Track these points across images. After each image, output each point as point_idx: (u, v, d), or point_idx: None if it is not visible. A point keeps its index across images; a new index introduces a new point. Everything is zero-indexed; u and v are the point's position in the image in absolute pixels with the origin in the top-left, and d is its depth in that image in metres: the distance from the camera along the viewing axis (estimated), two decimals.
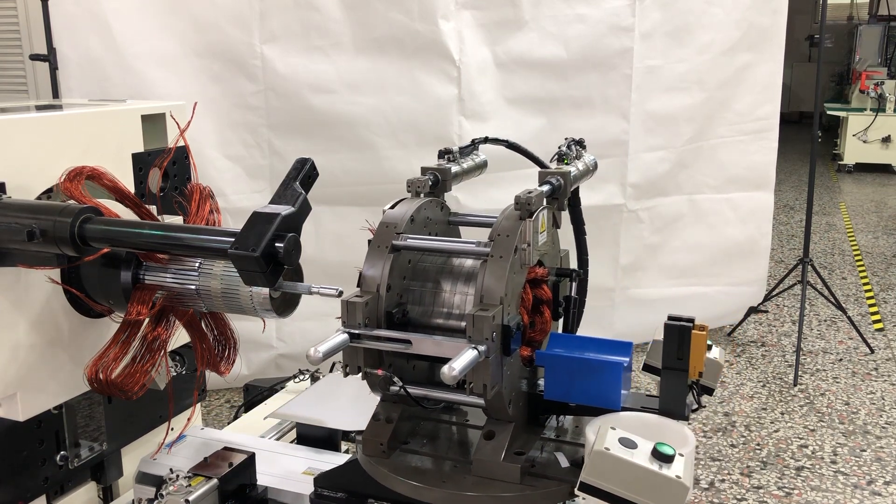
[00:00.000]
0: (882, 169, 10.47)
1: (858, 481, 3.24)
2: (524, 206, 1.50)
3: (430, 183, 1.78)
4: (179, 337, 2.03)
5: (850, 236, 7.28)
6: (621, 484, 1.40)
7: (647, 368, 1.91)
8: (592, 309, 4.50)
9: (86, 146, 1.97)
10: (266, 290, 1.74)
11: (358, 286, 1.57)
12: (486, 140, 1.93)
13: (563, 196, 1.66)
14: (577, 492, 1.44)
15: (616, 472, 1.40)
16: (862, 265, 6.36)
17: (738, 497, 3.14)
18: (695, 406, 1.57)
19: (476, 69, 3.92)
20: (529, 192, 1.52)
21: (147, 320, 1.87)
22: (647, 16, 4.01)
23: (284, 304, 1.77)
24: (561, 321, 1.79)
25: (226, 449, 1.96)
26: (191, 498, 1.65)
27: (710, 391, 1.89)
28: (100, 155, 1.98)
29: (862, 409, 3.87)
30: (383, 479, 1.54)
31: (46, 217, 1.67)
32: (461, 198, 4.00)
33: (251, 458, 1.93)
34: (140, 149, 2.15)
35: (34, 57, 4.08)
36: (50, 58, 3.86)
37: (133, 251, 1.84)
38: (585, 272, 1.87)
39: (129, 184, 2.04)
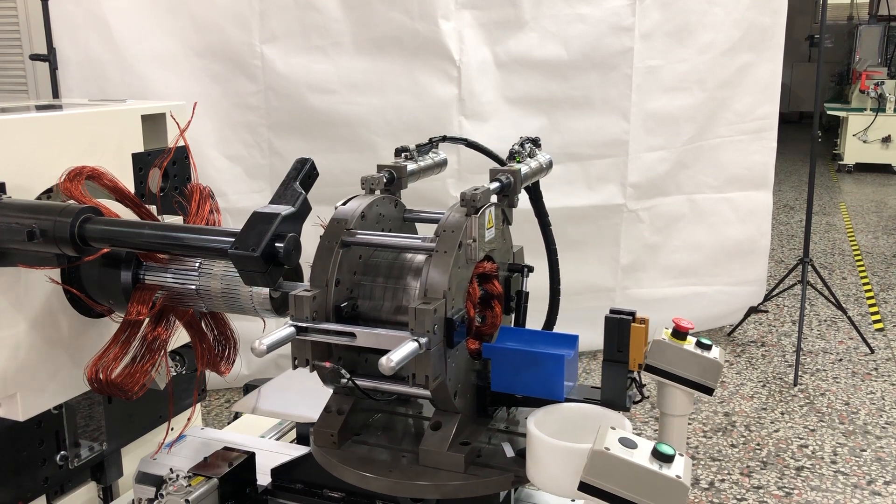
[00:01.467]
0: (882, 169, 10.47)
1: (858, 481, 3.24)
2: (469, 203, 1.53)
3: (385, 180, 1.80)
4: (179, 337, 2.03)
5: (850, 236, 7.28)
6: (621, 484, 1.40)
7: (647, 368, 1.91)
8: (592, 309, 4.52)
9: (86, 146, 1.97)
10: (266, 290, 1.74)
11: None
12: (443, 139, 1.95)
13: (513, 193, 1.70)
14: (577, 491, 1.44)
15: (616, 472, 1.41)
16: (862, 265, 6.36)
17: (738, 497, 3.14)
18: (638, 398, 1.61)
19: (476, 69, 3.92)
20: (475, 189, 1.54)
21: (147, 320, 1.87)
22: (647, 16, 4.01)
23: (284, 304, 1.77)
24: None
25: (226, 449, 1.96)
26: (191, 498, 1.65)
27: (709, 391, 1.90)
28: (100, 155, 1.98)
29: (862, 409, 3.87)
30: (332, 469, 1.58)
31: (46, 217, 1.67)
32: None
33: (251, 458, 1.93)
34: (140, 149, 2.15)
35: (34, 57, 4.08)
36: (50, 58, 3.86)
37: (133, 251, 1.84)
38: (555, 262, 1.91)
39: (129, 184, 2.04)
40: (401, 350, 1.37)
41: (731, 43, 4.22)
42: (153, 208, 2.00)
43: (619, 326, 1.54)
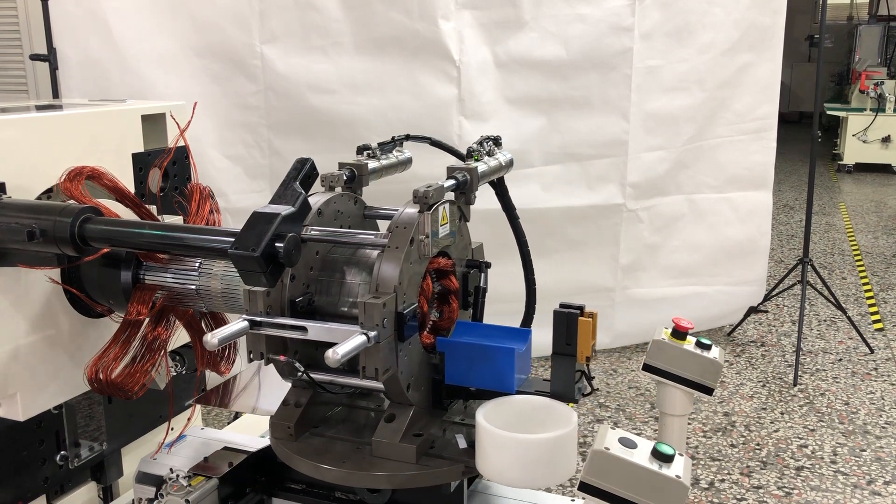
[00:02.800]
0: (882, 169, 10.47)
1: (858, 481, 3.24)
2: (422, 200, 1.55)
3: (346, 178, 1.81)
4: (179, 337, 2.03)
5: (849, 236, 7.28)
6: (621, 484, 1.41)
7: (647, 368, 1.92)
8: (592, 308, 4.52)
9: (86, 146, 1.97)
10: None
11: None
12: (407, 137, 1.97)
13: (470, 191, 1.72)
14: (577, 491, 1.44)
15: (616, 472, 1.41)
16: (862, 265, 6.36)
17: (738, 497, 3.14)
18: (588, 390, 1.64)
19: (476, 69, 3.92)
20: (428, 186, 1.56)
21: (147, 320, 1.87)
22: (647, 16, 4.01)
23: None
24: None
25: (226, 449, 1.96)
26: (191, 498, 1.65)
27: (709, 391, 1.90)
28: (100, 155, 1.98)
29: (862, 409, 3.87)
30: (288, 460, 1.61)
31: (46, 217, 1.67)
32: None
33: (251, 458, 1.92)
34: (140, 149, 2.15)
35: (34, 57, 4.09)
36: (50, 58, 3.86)
37: (133, 251, 1.84)
38: (526, 255, 1.94)
39: (129, 184, 2.04)
40: (347, 343, 1.39)
41: (731, 43, 4.21)
42: (153, 208, 2.00)
43: (567, 320, 1.56)
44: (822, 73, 4.57)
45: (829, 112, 11.14)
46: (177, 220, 2.05)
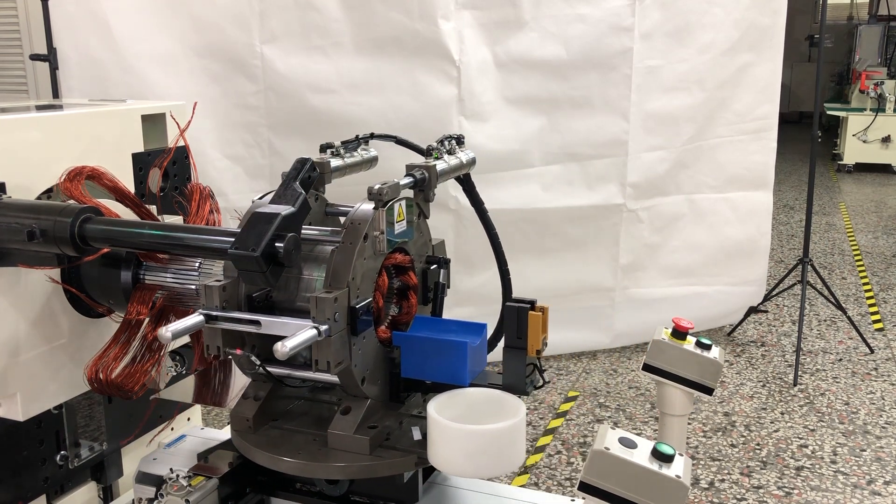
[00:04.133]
0: (882, 169, 10.47)
1: (858, 481, 3.24)
2: (376, 197, 1.57)
3: None
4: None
5: (850, 236, 7.28)
6: (621, 484, 1.41)
7: (647, 368, 1.92)
8: (592, 309, 4.53)
9: (86, 146, 1.97)
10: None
11: None
12: (371, 136, 1.98)
13: (429, 188, 1.75)
14: (577, 491, 1.45)
15: (616, 472, 1.41)
16: (862, 265, 6.36)
17: (738, 497, 3.14)
18: (540, 382, 1.66)
19: (476, 69, 3.92)
20: (383, 184, 1.59)
21: (147, 320, 1.87)
22: (647, 16, 4.01)
23: None
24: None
25: (226, 449, 1.96)
26: (191, 498, 1.65)
27: (709, 391, 1.90)
28: (100, 155, 1.98)
29: (862, 409, 3.87)
30: (246, 452, 1.64)
31: (46, 217, 1.67)
32: (460, 197, 4.00)
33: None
34: (140, 149, 2.15)
35: (34, 57, 4.09)
36: (50, 58, 3.86)
37: (133, 251, 1.84)
38: (498, 245, 1.96)
39: (129, 184, 2.04)
40: (297, 336, 1.41)
41: (731, 43, 4.22)
42: (153, 208, 2.00)
43: (518, 314, 1.59)
44: (822, 73, 4.57)
45: (829, 112, 11.14)
46: (177, 220, 2.05)
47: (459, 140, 1.90)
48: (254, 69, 3.77)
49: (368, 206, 1.59)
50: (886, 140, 10.29)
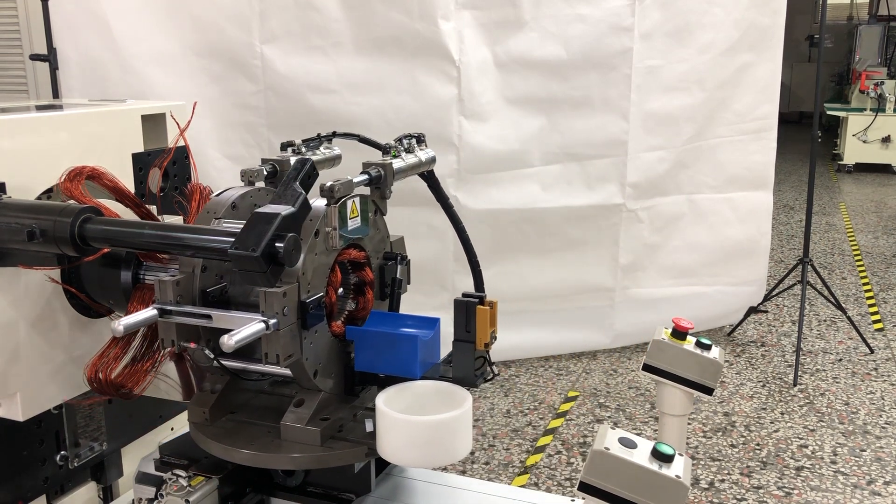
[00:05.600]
0: (882, 169, 10.47)
1: (858, 481, 3.24)
2: (328, 194, 1.60)
3: (267, 173, 1.86)
4: None
5: (850, 236, 7.28)
6: (621, 484, 1.41)
7: (647, 368, 1.92)
8: (592, 309, 4.53)
9: (86, 146, 1.97)
10: None
11: None
12: (334, 134, 2.01)
13: (385, 186, 1.78)
14: (577, 491, 1.45)
15: (615, 472, 1.41)
16: (862, 265, 6.36)
17: (738, 497, 3.14)
18: (490, 375, 1.70)
19: (476, 69, 3.92)
20: (336, 181, 1.61)
21: None
22: (646, 16, 4.01)
23: None
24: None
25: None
26: (191, 498, 1.65)
27: (709, 391, 1.90)
28: (100, 155, 1.98)
29: (862, 409, 3.88)
30: (202, 443, 1.67)
31: (46, 217, 1.67)
32: (460, 197, 4.01)
33: None
34: (140, 149, 2.15)
35: (34, 57, 4.09)
36: (50, 58, 3.87)
37: (133, 251, 1.84)
38: (465, 239, 1.98)
39: (129, 184, 2.04)
40: (244, 330, 1.44)
41: (731, 43, 4.22)
42: (153, 208, 2.00)
43: (466, 308, 1.62)
44: (822, 73, 4.57)
45: (829, 112, 11.14)
46: (177, 220, 2.05)
47: (420, 139, 1.93)
48: (254, 69, 3.78)
49: (321, 203, 1.61)
50: (886, 140, 10.29)
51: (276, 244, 1.47)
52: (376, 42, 3.83)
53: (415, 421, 1.48)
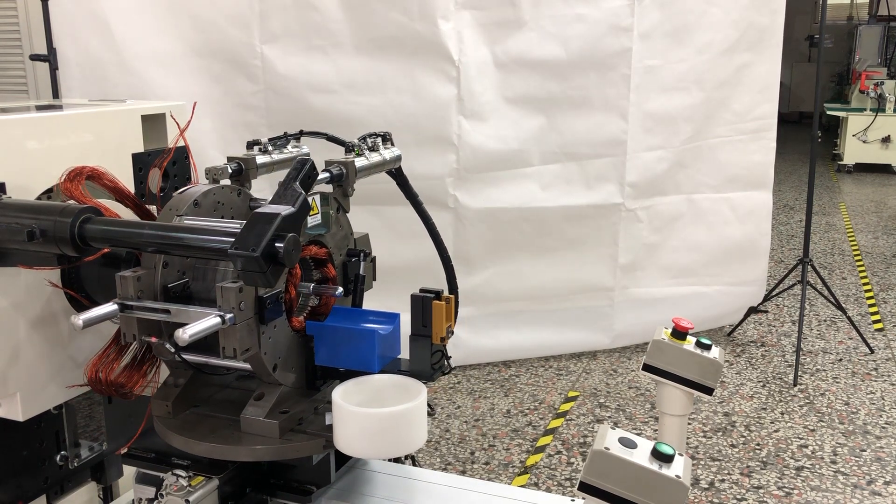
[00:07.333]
0: (882, 169, 10.47)
1: (858, 481, 3.24)
2: None
3: (231, 171, 1.86)
4: None
5: (850, 236, 7.28)
6: (621, 484, 1.41)
7: (647, 368, 1.92)
8: (591, 308, 4.53)
9: (86, 146, 1.97)
10: None
11: None
12: (301, 133, 2.01)
13: (347, 184, 1.80)
14: (577, 491, 1.45)
15: (615, 472, 1.41)
16: (862, 265, 6.36)
17: (738, 497, 3.14)
18: (447, 369, 1.73)
19: (475, 69, 3.92)
20: None
21: None
22: (646, 16, 4.01)
23: None
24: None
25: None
26: (191, 498, 1.65)
27: (709, 391, 1.90)
28: (100, 155, 1.98)
29: (862, 409, 3.88)
30: (164, 436, 1.70)
31: (46, 217, 1.67)
32: (459, 197, 4.01)
33: None
34: (140, 149, 2.15)
35: (34, 57, 4.09)
36: (50, 58, 3.86)
37: (133, 251, 1.84)
38: (436, 234, 2.01)
39: (129, 184, 2.04)
40: (199, 324, 1.46)
41: (730, 43, 4.22)
42: (153, 208, 2.00)
43: (423, 303, 1.66)
44: (822, 73, 4.58)
45: (829, 112, 11.14)
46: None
47: (385, 137, 1.94)
48: (254, 69, 3.78)
49: None
50: (886, 140, 10.30)
51: (276, 244, 1.47)
52: (376, 42, 3.83)
53: (367, 413, 1.51)
